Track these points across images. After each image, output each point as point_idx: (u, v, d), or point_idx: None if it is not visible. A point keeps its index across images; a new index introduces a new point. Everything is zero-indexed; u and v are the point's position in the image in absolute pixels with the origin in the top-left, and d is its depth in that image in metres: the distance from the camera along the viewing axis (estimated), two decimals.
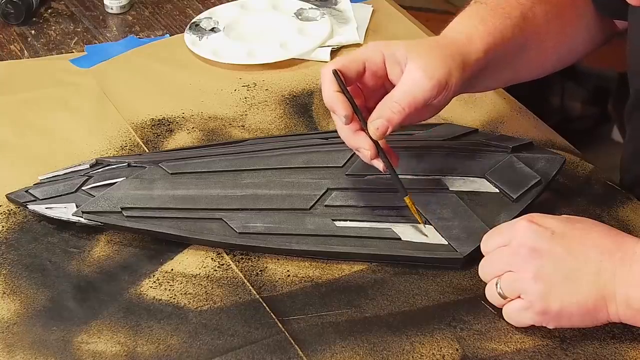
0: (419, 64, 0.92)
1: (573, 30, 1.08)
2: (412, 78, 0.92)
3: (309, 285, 0.94)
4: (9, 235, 0.99)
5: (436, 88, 0.92)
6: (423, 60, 0.92)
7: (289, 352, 0.87)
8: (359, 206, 0.98)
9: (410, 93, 0.92)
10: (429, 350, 0.87)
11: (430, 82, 0.92)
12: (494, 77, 1.03)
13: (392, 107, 0.92)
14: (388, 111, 0.92)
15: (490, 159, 1.02)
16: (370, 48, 0.95)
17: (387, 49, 0.94)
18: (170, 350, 0.87)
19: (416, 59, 0.92)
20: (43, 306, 0.91)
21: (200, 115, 1.18)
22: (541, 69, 1.09)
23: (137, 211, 0.98)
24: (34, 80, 1.24)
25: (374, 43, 0.96)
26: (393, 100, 0.92)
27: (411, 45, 0.94)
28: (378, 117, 0.93)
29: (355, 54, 0.95)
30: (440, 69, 0.92)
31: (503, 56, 0.99)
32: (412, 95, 0.92)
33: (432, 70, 0.92)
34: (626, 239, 0.86)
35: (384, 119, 0.92)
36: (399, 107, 0.92)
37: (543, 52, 1.06)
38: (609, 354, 0.87)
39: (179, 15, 1.41)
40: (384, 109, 0.93)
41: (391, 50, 0.94)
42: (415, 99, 0.92)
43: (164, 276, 0.95)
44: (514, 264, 0.87)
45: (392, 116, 0.92)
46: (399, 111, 0.92)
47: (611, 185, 1.07)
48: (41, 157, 1.10)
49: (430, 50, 0.94)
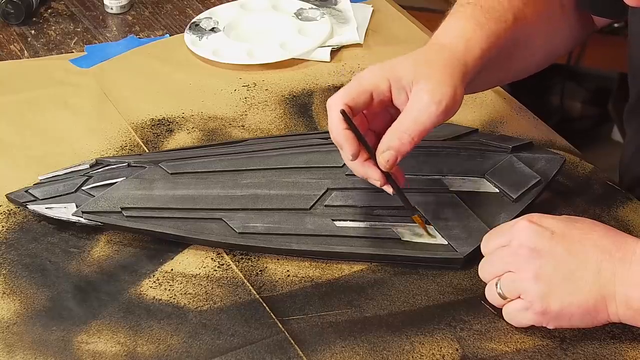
0: (425, 89, 0.90)
1: (559, 28, 1.09)
2: (419, 105, 0.90)
3: (309, 285, 0.94)
4: (9, 235, 0.99)
5: (444, 113, 0.90)
6: (429, 86, 0.90)
7: (288, 352, 0.87)
8: (359, 206, 0.99)
9: (419, 122, 0.90)
10: (429, 350, 0.87)
11: (438, 108, 0.90)
12: (485, 80, 1.02)
13: (402, 138, 0.90)
14: (397, 142, 0.90)
15: (490, 159, 1.02)
16: (376, 75, 0.92)
17: (392, 75, 0.92)
18: (170, 350, 0.87)
19: (422, 84, 0.90)
20: (43, 306, 0.91)
21: (200, 115, 1.18)
22: (529, 68, 1.09)
23: (137, 211, 0.98)
24: (34, 80, 1.24)
25: (377, 68, 0.93)
26: (401, 130, 0.90)
27: (415, 68, 0.92)
28: (387, 149, 0.91)
29: (363, 83, 0.92)
30: (447, 92, 0.90)
31: (496, 59, 0.99)
32: (421, 124, 0.90)
33: (440, 95, 0.90)
34: (626, 239, 0.86)
35: (393, 151, 0.90)
36: (408, 137, 0.90)
37: (532, 52, 1.06)
38: (609, 354, 0.87)
39: (179, 15, 1.41)
40: (392, 140, 0.91)
41: (396, 75, 0.92)
42: (425, 127, 0.90)
43: (164, 276, 0.95)
44: (514, 264, 0.87)
45: (400, 147, 0.90)
46: (409, 142, 0.90)
47: (611, 185, 1.07)
48: (41, 157, 1.10)
49: (435, 71, 0.91)
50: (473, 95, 1.19)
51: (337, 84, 1.23)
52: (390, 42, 1.33)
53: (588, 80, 2.47)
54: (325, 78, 1.25)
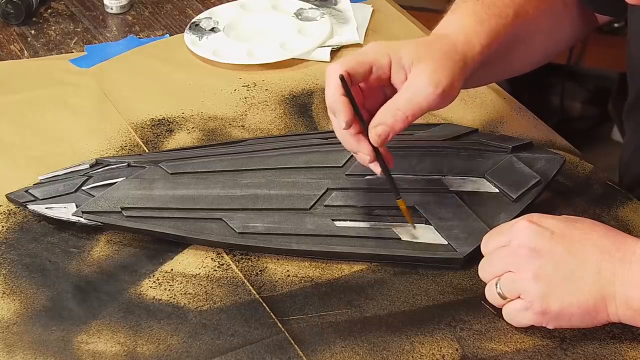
0: (425, 71, 0.91)
1: (559, 24, 1.09)
2: (417, 85, 0.91)
3: (309, 285, 0.94)
4: (9, 235, 0.99)
5: (441, 97, 0.91)
6: (429, 68, 0.91)
7: (288, 352, 0.87)
8: (359, 206, 0.98)
9: (415, 101, 0.90)
10: (429, 350, 0.87)
11: (435, 90, 0.90)
12: (484, 75, 1.02)
13: (395, 115, 0.91)
14: (391, 118, 0.91)
15: (490, 159, 1.02)
16: (378, 50, 0.93)
17: (393, 53, 0.92)
18: (170, 350, 0.87)
19: (422, 65, 0.91)
20: (43, 306, 0.91)
21: (200, 115, 1.18)
22: (529, 64, 1.09)
23: (137, 211, 0.98)
24: (34, 80, 1.24)
25: (380, 44, 0.94)
26: (396, 107, 0.91)
27: (417, 50, 0.92)
28: (380, 123, 0.91)
29: (364, 55, 0.93)
30: (446, 77, 0.91)
31: (495, 54, 0.99)
32: (417, 104, 0.90)
33: (438, 79, 0.90)
34: (626, 239, 0.86)
35: (386, 126, 0.91)
36: (402, 114, 0.90)
37: (532, 48, 1.06)
38: (609, 354, 0.87)
39: (179, 15, 1.41)
40: (386, 115, 0.91)
41: (398, 54, 0.92)
42: (420, 107, 0.90)
43: (163, 276, 0.95)
44: (513, 264, 0.87)
45: (394, 123, 0.90)
46: (402, 119, 0.90)
47: (611, 185, 1.07)
48: (41, 157, 1.10)
49: (436, 55, 0.92)
50: (473, 95, 1.19)
51: None
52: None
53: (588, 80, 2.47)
54: (325, 78, 1.25)
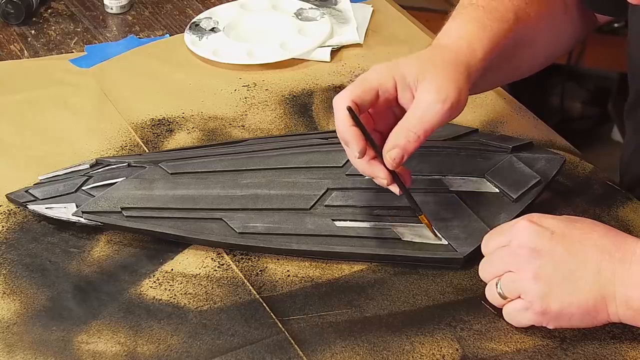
0: (431, 88, 0.90)
1: (561, 26, 1.09)
2: (425, 103, 0.90)
3: (309, 285, 0.94)
4: (9, 235, 0.99)
5: (450, 111, 0.90)
6: (435, 84, 0.90)
7: (288, 352, 0.87)
8: (359, 206, 0.98)
9: (425, 120, 0.90)
10: (429, 350, 0.87)
11: (444, 106, 0.90)
12: (488, 81, 1.02)
13: (408, 136, 0.90)
14: (403, 139, 0.90)
15: (490, 159, 1.02)
16: (381, 73, 0.93)
17: (397, 73, 0.92)
18: (170, 350, 0.87)
19: (427, 82, 0.91)
20: (43, 306, 0.91)
21: (200, 115, 1.18)
22: (531, 68, 1.09)
23: (137, 211, 0.98)
24: (34, 80, 1.24)
25: (382, 67, 0.93)
26: (407, 129, 0.90)
27: (420, 66, 0.92)
28: (394, 147, 0.91)
29: (368, 82, 0.92)
30: (452, 91, 0.90)
31: (498, 59, 0.99)
32: (427, 122, 0.90)
33: (445, 94, 0.90)
34: (626, 239, 0.86)
35: (400, 148, 0.90)
36: (414, 135, 0.90)
37: (534, 52, 1.06)
38: (609, 354, 0.87)
39: (179, 15, 1.41)
40: (398, 137, 0.91)
41: (401, 73, 0.92)
42: (431, 125, 0.90)
43: (164, 276, 0.95)
44: (514, 264, 0.87)
45: (407, 145, 0.90)
46: (415, 140, 0.90)
47: (611, 185, 1.07)
48: (41, 157, 1.10)
49: (439, 69, 0.91)
50: (473, 96, 1.18)
51: (337, 84, 1.23)
52: (390, 42, 1.33)
53: (588, 80, 2.47)
54: (325, 78, 1.25)
